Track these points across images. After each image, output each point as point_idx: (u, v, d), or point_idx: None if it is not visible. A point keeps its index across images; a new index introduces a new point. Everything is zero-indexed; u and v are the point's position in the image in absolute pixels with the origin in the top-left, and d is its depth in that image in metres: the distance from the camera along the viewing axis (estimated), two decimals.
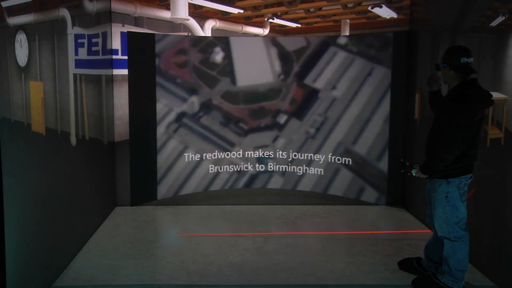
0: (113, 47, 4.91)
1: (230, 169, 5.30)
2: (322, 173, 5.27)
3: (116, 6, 4.88)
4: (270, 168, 5.33)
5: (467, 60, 2.99)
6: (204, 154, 5.24)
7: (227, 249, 3.99)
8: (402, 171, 3.35)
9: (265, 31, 5.22)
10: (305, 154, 5.29)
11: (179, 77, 5.10)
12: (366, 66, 5.08)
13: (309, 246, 4.07)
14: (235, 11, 5.13)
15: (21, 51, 2.90)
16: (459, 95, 2.98)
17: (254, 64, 5.19)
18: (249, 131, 5.29)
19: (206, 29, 5.10)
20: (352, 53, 5.09)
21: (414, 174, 3.21)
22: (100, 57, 4.56)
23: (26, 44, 2.97)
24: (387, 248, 4.01)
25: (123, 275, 3.46)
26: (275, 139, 5.32)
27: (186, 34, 5.07)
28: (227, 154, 5.28)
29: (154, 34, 4.97)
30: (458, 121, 2.92)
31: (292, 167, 5.32)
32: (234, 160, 5.30)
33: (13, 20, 2.77)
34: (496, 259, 3.34)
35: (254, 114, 5.27)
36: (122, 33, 4.94)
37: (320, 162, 5.28)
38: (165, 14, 5.01)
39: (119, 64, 4.96)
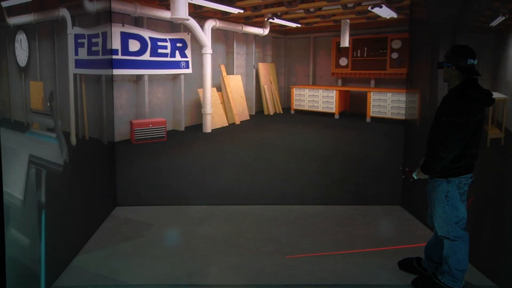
0: (113, 47, 4.90)
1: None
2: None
3: (116, 6, 4.88)
4: None
5: (473, 61, 3.00)
6: None
7: (227, 249, 3.99)
8: (403, 176, 3.35)
9: (265, 31, 5.22)
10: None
11: None
12: None
13: (309, 246, 4.06)
14: (235, 11, 5.12)
15: (21, 51, 2.90)
16: (460, 95, 2.98)
17: None
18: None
19: (206, 29, 5.10)
20: None
21: (415, 178, 3.21)
22: (100, 57, 4.56)
23: (26, 44, 2.97)
24: (387, 248, 4.02)
25: (123, 275, 3.46)
26: None
27: (186, 34, 5.07)
28: None
29: None
30: (458, 121, 2.92)
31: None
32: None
33: (13, 20, 2.76)
34: (496, 259, 3.34)
35: None
36: (122, 33, 4.93)
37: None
38: (165, 14, 5.00)
39: (119, 64, 4.95)
